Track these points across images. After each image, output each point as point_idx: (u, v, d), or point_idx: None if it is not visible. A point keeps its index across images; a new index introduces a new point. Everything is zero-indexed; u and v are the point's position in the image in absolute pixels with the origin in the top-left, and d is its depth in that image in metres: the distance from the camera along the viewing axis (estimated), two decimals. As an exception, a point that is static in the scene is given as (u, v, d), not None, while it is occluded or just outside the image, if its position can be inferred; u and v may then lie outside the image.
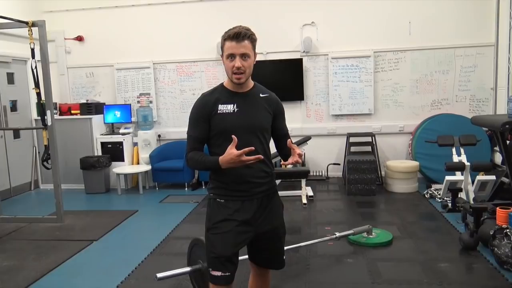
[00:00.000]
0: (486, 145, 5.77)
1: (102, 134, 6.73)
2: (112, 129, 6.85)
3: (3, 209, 5.24)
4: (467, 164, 4.76)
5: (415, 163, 5.75)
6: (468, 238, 3.65)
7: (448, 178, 4.84)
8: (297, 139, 5.87)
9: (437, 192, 5.31)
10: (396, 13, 6.27)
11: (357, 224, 4.18)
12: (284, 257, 2.23)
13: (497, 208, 3.63)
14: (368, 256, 3.61)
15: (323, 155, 6.64)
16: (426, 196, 5.38)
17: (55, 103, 6.41)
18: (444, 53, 6.23)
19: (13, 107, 6.42)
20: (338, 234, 3.77)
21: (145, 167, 6.46)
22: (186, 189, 6.35)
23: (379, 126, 6.46)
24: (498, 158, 5.70)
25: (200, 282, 2.87)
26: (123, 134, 6.65)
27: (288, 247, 3.32)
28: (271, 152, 2.18)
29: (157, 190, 6.44)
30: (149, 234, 4.49)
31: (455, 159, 5.02)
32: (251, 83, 2.09)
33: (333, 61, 6.41)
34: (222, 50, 1.99)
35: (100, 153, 6.60)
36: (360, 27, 6.36)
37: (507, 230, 3.33)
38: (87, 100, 6.84)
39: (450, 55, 6.23)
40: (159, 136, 6.88)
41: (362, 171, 5.52)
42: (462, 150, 5.04)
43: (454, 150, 5.09)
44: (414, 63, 6.32)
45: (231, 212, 2.01)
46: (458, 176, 4.91)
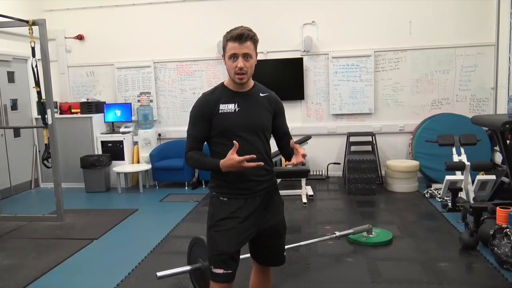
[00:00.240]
0: (486, 145, 5.77)
1: (103, 133, 6.73)
2: (113, 128, 6.85)
3: (4, 208, 5.24)
4: (467, 164, 4.77)
5: (415, 163, 5.75)
6: (468, 238, 3.66)
7: (448, 178, 4.84)
8: (298, 139, 5.87)
9: (437, 192, 5.31)
10: (397, 13, 6.27)
11: (357, 224, 4.19)
12: (285, 254, 2.26)
13: (497, 208, 3.64)
14: (368, 256, 3.61)
15: (323, 155, 6.64)
16: (426, 196, 5.38)
17: (56, 102, 6.41)
18: (445, 53, 6.23)
19: (14, 106, 6.43)
20: (338, 234, 3.77)
21: (145, 166, 6.46)
22: (186, 188, 6.35)
23: (379, 126, 6.47)
24: (498, 158, 5.71)
25: (200, 281, 2.88)
26: (124, 133, 6.65)
27: (288, 246, 3.32)
28: (271, 151, 2.19)
29: (157, 189, 6.45)
30: (149, 233, 4.50)
31: (455, 159, 5.02)
32: (252, 83, 2.11)
33: (334, 61, 6.41)
34: (224, 50, 2.00)
35: (101, 152, 6.60)
36: (361, 27, 6.36)
37: (507, 230, 3.33)
38: (88, 99, 6.85)
39: (451, 55, 6.22)
40: (159, 135, 6.88)
41: (362, 171, 5.52)
42: (462, 150, 5.04)
43: (454, 150, 5.09)
44: (415, 63, 6.31)
45: (234, 210, 2.02)
46: (458, 176, 4.91)
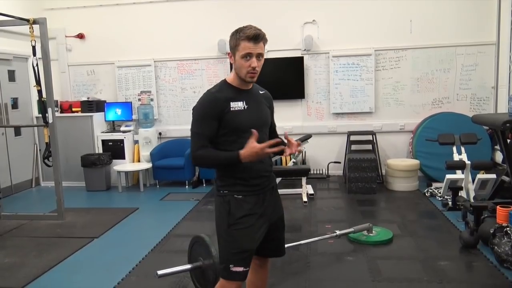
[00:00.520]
0: (487, 144, 5.76)
1: (103, 132, 6.74)
2: (113, 127, 6.86)
3: (4, 206, 5.24)
4: (468, 163, 4.76)
5: (416, 162, 5.75)
6: (468, 237, 3.66)
7: (449, 177, 4.85)
8: (298, 137, 5.87)
9: (438, 191, 5.30)
10: (397, 12, 6.26)
11: (358, 222, 4.19)
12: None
13: (497, 207, 3.63)
14: (368, 254, 3.61)
15: (324, 153, 6.64)
16: (427, 195, 5.38)
17: (56, 101, 6.41)
18: (445, 52, 6.22)
19: (14, 105, 6.43)
20: (339, 232, 3.77)
21: (146, 165, 6.46)
22: (187, 187, 6.35)
23: (380, 125, 6.46)
24: (499, 157, 5.70)
25: (201, 279, 2.88)
26: (124, 132, 6.65)
27: (289, 245, 3.32)
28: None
29: (158, 188, 6.45)
30: (150, 232, 4.50)
31: (456, 158, 5.02)
32: None
33: (334, 59, 6.41)
34: (235, 49, 1.98)
35: (101, 151, 6.60)
36: (361, 25, 6.35)
37: (507, 229, 3.34)
38: (88, 98, 6.84)
39: (451, 54, 6.22)
40: (160, 134, 6.88)
41: (363, 170, 5.52)
42: (463, 149, 5.04)
43: (455, 149, 5.09)
44: (415, 62, 6.31)
45: (251, 207, 2.05)
46: (459, 175, 4.92)
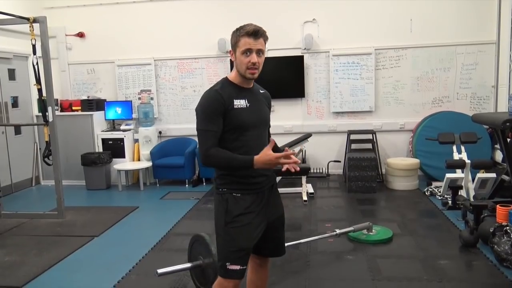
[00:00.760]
0: (487, 143, 5.76)
1: (103, 131, 6.74)
2: (113, 126, 6.85)
3: (5, 205, 5.24)
4: (468, 162, 4.77)
5: (416, 161, 5.75)
6: (468, 236, 3.66)
7: (449, 176, 4.85)
8: (298, 136, 5.87)
9: (438, 190, 5.31)
10: (397, 11, 6.26)
11: (357, 221, 4.20)
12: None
13: (497, 206, 3.64)
14: (368, 253, 3.61)
15: (324, 152, 6.64)
16: (427, 194, 5.38)
17: (56, 100, 6.41)
18: (445, 51, 6.22)
19: (14, 103, 6.43)
20: (339, 231, 3.77)
21: (146, 164, 6.47)
22: (187, 186, 6.36)
23: (380, 124, 6.46)
24: (499, 156, 5.71)
25: (201, 278, 2.89)
26: (124, 131, 6.65)
27: (289, 244, 3.33)
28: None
29: (158, 187, 6.46)
30: (150, 230, 4.51)
31: (456, 157, 5.02)
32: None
33: (334, 58, 6.41)
34: (236, 46, 1.99)
35: (101, 150, 6.60)
36: (361, 24, 6.35)
37: (507, 228, 3.34)
38: (88, 97, 6.85)
39: (451, 53, 6.22)
40: (160, 133, 6.88)
41: (363, 169, 5.52)
42: (463, 148, 5.04)
43: (455, 148, 5.09)
44: (415, 61, 6.31)
45: (249, 205, 2.05)
46: (459, 174, 4.92)
